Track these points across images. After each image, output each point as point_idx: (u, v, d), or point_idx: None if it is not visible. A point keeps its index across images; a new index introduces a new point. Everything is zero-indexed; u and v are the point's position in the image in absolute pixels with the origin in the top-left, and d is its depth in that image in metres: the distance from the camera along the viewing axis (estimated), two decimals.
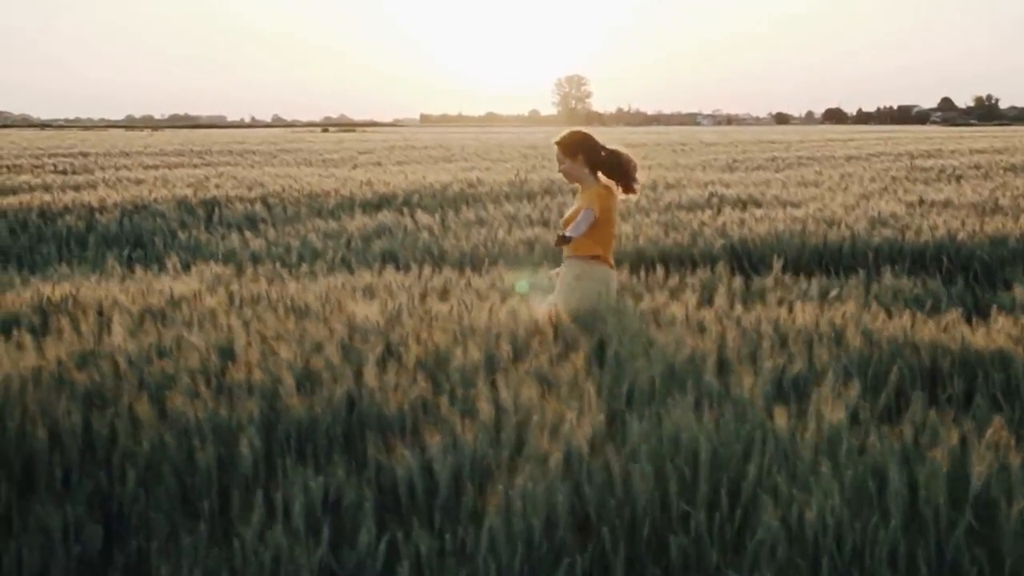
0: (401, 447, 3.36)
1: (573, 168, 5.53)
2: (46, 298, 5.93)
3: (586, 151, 5.50)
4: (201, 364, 4.27)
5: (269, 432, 3.67)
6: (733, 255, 8.26)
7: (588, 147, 5.52)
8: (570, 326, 5.00)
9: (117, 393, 3.98)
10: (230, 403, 3.78)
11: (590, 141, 5.54)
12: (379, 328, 4.92)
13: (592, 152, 5.51)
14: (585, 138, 5.56)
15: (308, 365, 4.25)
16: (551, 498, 3.01)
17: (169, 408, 3.71)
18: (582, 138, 5.56)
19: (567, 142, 5.54)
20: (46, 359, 4.30)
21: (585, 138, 5.56)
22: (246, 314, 5.30)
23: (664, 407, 3.73)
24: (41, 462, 3.47)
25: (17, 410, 3.70)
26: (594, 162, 5.51)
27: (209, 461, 3.40)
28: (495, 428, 3.50)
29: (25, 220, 11.05)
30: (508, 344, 4.49)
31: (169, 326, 5.08)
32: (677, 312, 5.26)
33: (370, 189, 13.11)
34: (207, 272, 7.53)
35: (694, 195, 12.05)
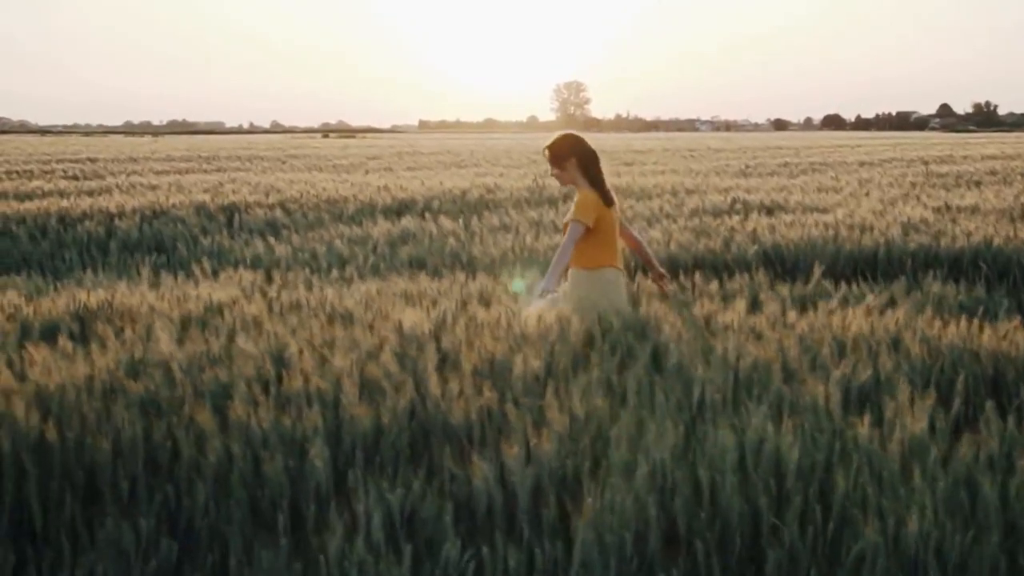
0: (477, 458, 3.27)
1: (564, 173, 5.42)
2: (83, 305, 5.84)
3: (578, 154, 5.38)
4: (256, 372, 4.18)
5: (335, 442, 3.57)
6: (766, 261, 8.17)
7: (579, 151, 5.40)
8: (623, 333, 4.91)
9: (172, 402, 3.90)
10: (292, 413, 3.69)
11: (581, 144, 5.43)
12: (429, 335, 4.83)
13: (583, 155, 5.38)
14: (576, 141, 5.45)
15: (364, 373, 4.16)
16: (642, 511, 2.92)
17: (231, 418, 3.62)
18: (573, 142, 5.44)
19: (557, 147, 5.43)
20: (96, 367, 4.21)
21: (576, 141, 5.45)
22: (291, 321, 5.21)
23: (738, 416, 3.64)
24: (105, 474, 3.38)
25: (76, 420, 3.61)
26: (586, 165, 5.36)
27: (278, 473, 3.30)
28: (571, 438, 3.41)
29: (44, 226, 10.98)
30: (567, 352, 4.40)
31: (214, 333, 4.99)
32: (729, 319, 5.17)
33: (388, 195, 13.03)
34: (236, 278, 7.45)
35: (716, 201, 11.97)
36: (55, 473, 3.40)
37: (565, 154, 5.38)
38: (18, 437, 3.44)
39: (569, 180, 5.44)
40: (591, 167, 5.37)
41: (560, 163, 5.39)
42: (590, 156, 5.40)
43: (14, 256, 9.94)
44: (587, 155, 5.39)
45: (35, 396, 3.77)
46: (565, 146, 5.41)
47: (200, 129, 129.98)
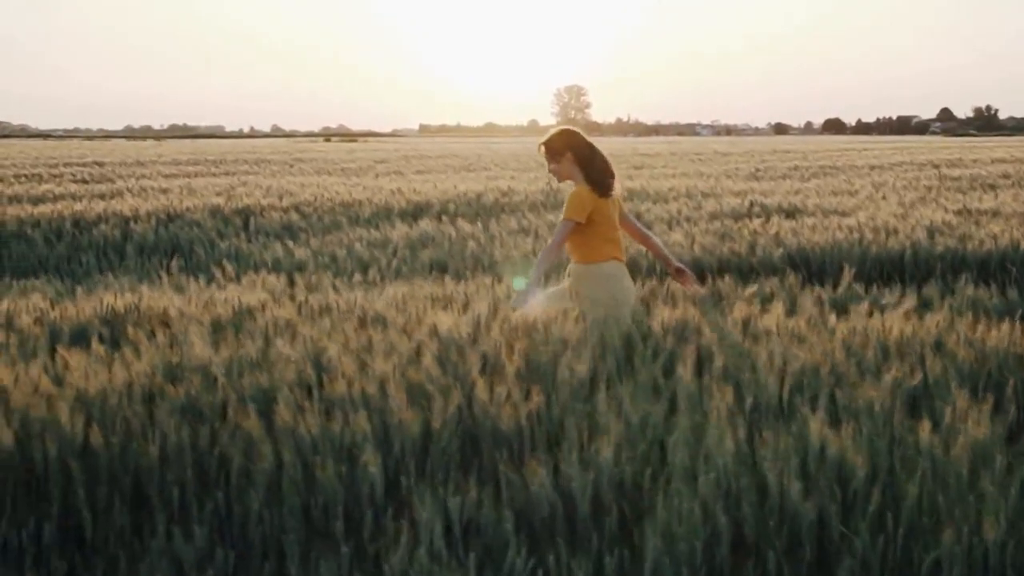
0: (535, 464, 3.20)
1: (561, 168, 5.35)
2: (110, 308, 5.77)
3: (573, 148, 5.30)
4: (297, 377, 4.11)
5: (384, 448, 3.51)
6: (791, 264, 8.11)
7: (574, 145, 5.33)
8: (661, 338, 4.85)
9: (214, 407, 3.83)
10: (339, 418, 3.62)
11: (576, 138, 5.35)
12: (467, 339, 4.76)
13: (579, 149, 5.31)
14: (571, 136, 5.37)
15: (408, 378, 4.09)
16: (710, 518, 2.85)
17: (277, 423, 3.55)
18: (568, 136, 5.36)
19: (552, 142, 5.35)
20: (133, 372, 4.14)
21: (571, 136, 5.37)
22: (323, 325, 5.14)
23: (794, 421, 3.57)
24: (153, 480, 3.31)
25: (120, 426, 3.54)
26: (581, 160, 5.30)
27: (331, 479, 3.23)
28: (627, 443, 3.34)
29: (59, 229, 10.92)
30: (612, 356, 4.33)
31: (249, 337, 4.92)
32: (769, 323, 5.10)
33: (403, 198, 12.96)
34: (260, 282, 7.39)
35: (734, 204, 11.90)
36: (101, 479, 3.34)
37: (561, 149, 5.30)
38: (63, 443, 3.38)
39: (566, 175, 5.37)
40: (588, 160, 5.26)
41: (556, 158, 5.32)
42: (586, 149, 5.31)
43: (30, 260, 9.89)
44: (583, 148, 5.30)
45: (76, 401, 3.70)
46: (560, 141, 5.33)
47: (201, 133, 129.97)
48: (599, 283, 5.24)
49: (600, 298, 5.19)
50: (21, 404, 3.66)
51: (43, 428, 3.39)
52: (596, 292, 5.21)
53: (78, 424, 3.45)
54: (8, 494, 3.28)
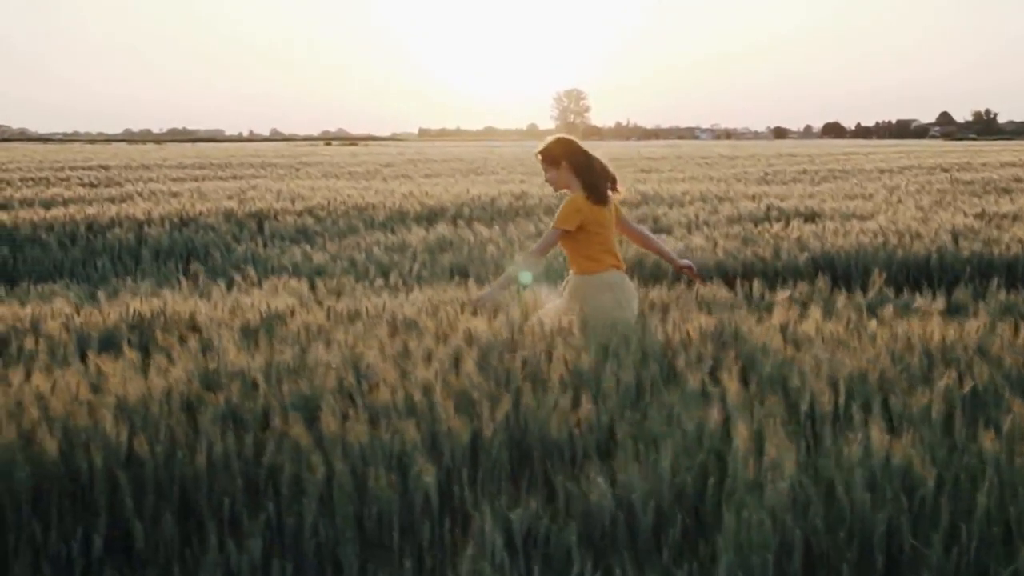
0: (593, 474, 3.13)
1: (558, 177, 5.28)
2: (136, 314, 5.71)
3: (569, 157, 5.24)
4: (338, 384, 4.04)
5: (434, 457, 3.43)
6: (816, 268, 8.04)
7: (571, 153, 5.26)
8: (699, 344, 4.78)
9: (255, 415, 3.76)
10: (385, 426, 3.55)
11: (572, 147, 5.29)
12: (505, 345, 4.69)
13: (575, 158, 5.24)
14: (567, 144, 5.32)
15: (451, 385, 4.02)
16: (783, 531, 2.78)
17: (325, 432, 3.48)
18: (564, 145, 5.32)
19: (549, 151, 5.29)
20: (171, 379, 4.06)
21: (567, 144, 5.32)
22: (356, 330, 5.06)
23: (851, 429, 3.50)
24: (201, 490, 3.24)
25: (164, 434, 3.46)
26: (577, 168, 5.24)
27: (385, 489, 3.16)
28: (686, 453, 3.27)
29: (73, 233, 10.85)
30: (655, 363, 4.26)
31: (282, 343, 4.85)
32: (808, 328, 5.03)
33: (416, 202, 12.89)
34: (282, 286, 7.32)
35: (751, 208, 11.84)
36: (148, 489, 3.26)
37: (557, 157, 5.24)
38: (109, 452, 3.31)
39: (563, 184, 5.33)
40: (584, 168, 5.21)
41: (553, 167, 5.29)
42: (582, 157, 5.25)
43: (45, 264, 9.82)
44: (579, 156, 5.24)
45: (117, 409, 3.63)
46: (557, 149, 5.28)
47: (200, 137, 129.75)
48: (601, 292, 5.20)
49: (604, 306, 5.14)
50: (61, 412, 3.60)
51: (88, 437, 3.31)
52: (599, 301, 5.17)
53: (122, 433, 3.38)
54: (53, 505, 3.20)
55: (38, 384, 3.92)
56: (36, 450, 3.28)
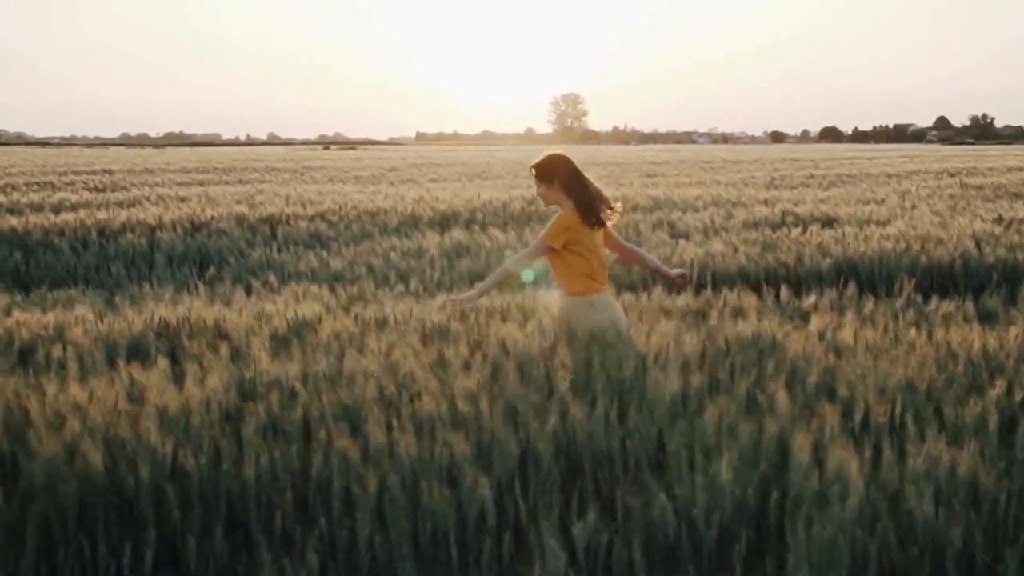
0: (655, 488, 3.06)
1: (549, 193, 5.22)
2: (162, 320, 5.63)
3: (562, 175, 5.18)
4: (378, 393, 3.97)
5: (483, 470, 3.36)
6: (839, 274, 7.99)
7: (564, 171, 5.19)
8: (740, 351, 4.71)
9: (296, 425, 3.69)
10: (434, 438, 3.48)
11: (567, 165, 5.21)
12: (542, 353, 4.62)
13: (568, 176, 5.18)
14: (562, 162, 5.23)
15: (495, 395, 3.95)
16: (855, 546, 2.71)
17: (372, 444, 3.41)
18: (558, 162, 5.23)
19: (543, 166, 5.22)
20: (207, 388, 3.99)
21: (562, 162, 5.23)
22: (389, 338, 4.99)
23: (908, 439, 3.44)
24: (250, 504, 3.16)
25: (208, 446, 3.39)
26: (569, 188, 5.18)
27: (440, 503, 3.09)
28: (745, 466, 3.20)
29: (85, 238, 10.77)
30: (698, 373, 4.19)
31: (313, 351, 4.78)
32: (846, 336, 4.96)
33: (428, 207, 12.82)
34: (301, 293, 7.26)
35: (765, 213, 11.78)
36: (194, 503, 3.19)
37: (550, 174, 5.18)
38: (155, 465, 3.24)
39: (553, 200, 5.27)
40: (576, 188, 5.15)
41: (545, 181, 5.22)
42: (575, 177, 5.19)
43: (58, 269, 9.75)
44: (572, 176, 5.18)
45: (158, 420, 3.56)
46: (551, 166, 5.20)
47: (198, 141, 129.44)
48: (594, 313, 5.13)
49: (597, 327, 5.07)
50: (101, 423, 3.53)
51: (134, 450, 3.24)
52: (591, 322, 5.10)
53: (167, 445, 3.31)
54: (100, 519, 3.13)
55: (74, 394, 3.86)
56: (81, 463, 3.21)
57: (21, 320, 5.77)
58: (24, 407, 3.71)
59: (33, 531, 3.01)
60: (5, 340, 5.36)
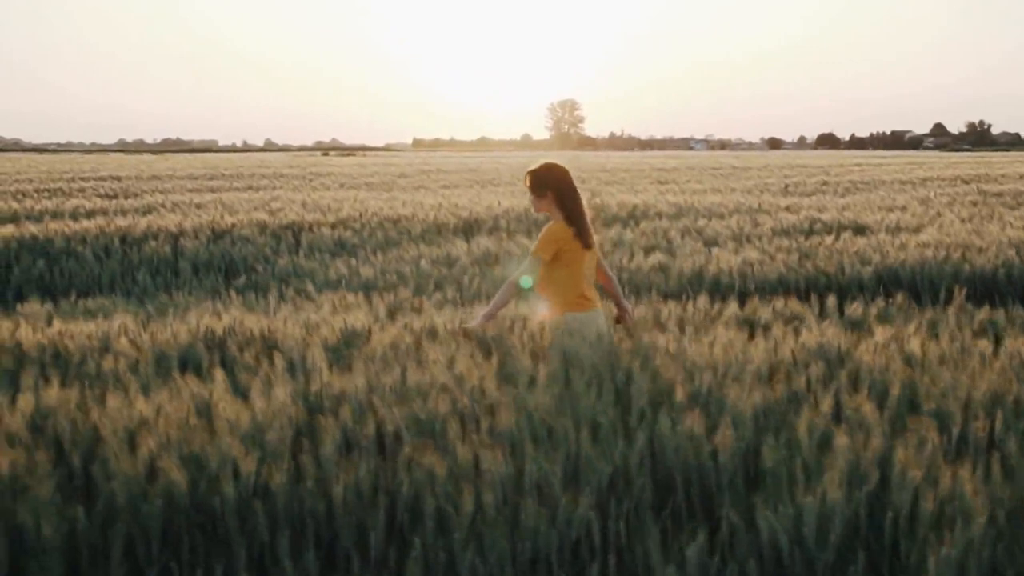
0: (762, 506, 2.95)
1: (540, 202, 5.17)
2: (208, 330, 5.52)
3: (555, 188, 5.12)
4: (452, 406, 3.85)
5: (574, 488, 3.26)
6: (880, 283, 7.90)
7: (558, 184, 5.13)
8: (809, 362, 4.61)
9: (370, 440, 3.58)
10: (516, 453, 3.37)
11: (562, 178, 5.16)
12: (609, 365, 4.51)
13: (562, 189, 5.12)
14: (557, 174, 5.17)
15: (576, 410, 3.84)
16: (982, 569, 2.60)
17: (459, 461, 3.30)
18: (554, 174, 5.17)
19: (538, 175, 5.16)
20: (275, 403, 3.88)
21: (557, 174, 5.17)
22: (448, 349, 4.88)
23: (1008, 455, 3.33)
24: (342, 524, 3.05)
25: (289, 463, 3.28)
26: (561, 200, 5.11)
27: (540, 522, 2.98)
28: (851, 483, 3.09)
29: (107, 246, 10.65)
30: (776, 384, 4.08)
31: (370, 362, 4.67)
32: (914, 347, 4.86)
33: (450, 214, 12.71)
34: (338, 301, 7.15)
35: (792, 220, 11.68)
36: (280, 522, 3.08)
37: (544, 184, 5.14)
38: (239, 482, 3.12)
39: (543, 209, 5.21)
40: (568, 202, 5.11)
41: (538, 192, 5.16)
42: (568, 191, 5.13)
43: (82, 277, 9.64)
44: (566, 189, 5.13)
45: (232, 436, 3.44)
46: (546, 176, 5.16)
47: (195, 147, 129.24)
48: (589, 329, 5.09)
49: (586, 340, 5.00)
50: (175, 440, 3.41)
51: (218, 467, 3.13)
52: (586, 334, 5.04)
53: (250, 462, 3.19)
54: (185, 540, 3.02)
55: (140, 409, 3.75)
56: (163, 481, 3.10)
57: (63, 330, 5.65)
58: (93, 423, 3.60)
59: (118, 552, 2.90)
60: (51, 351, 5.25)
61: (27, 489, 3.23)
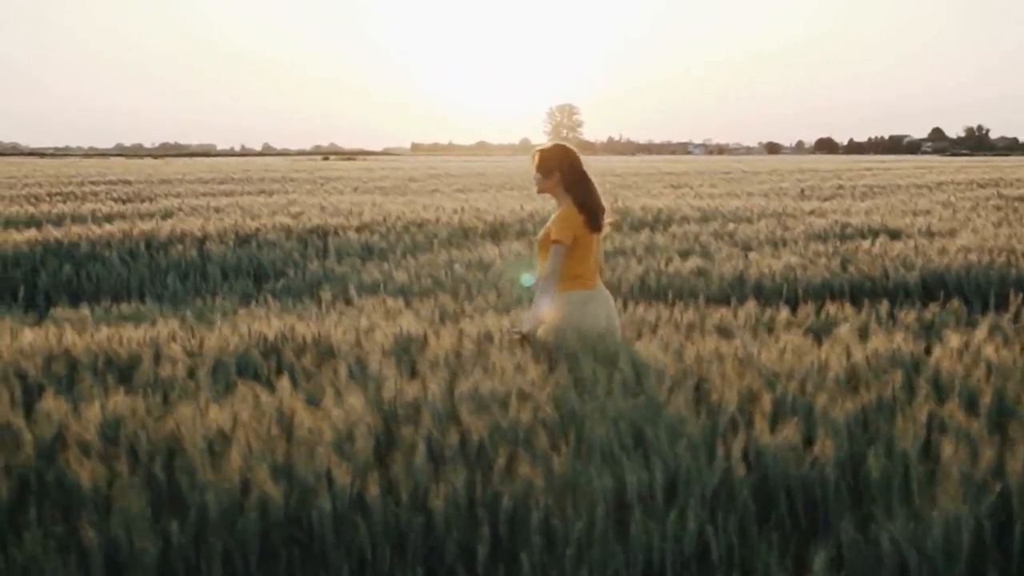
0: (883, 520, 2.84)
1: (545, 183, 5.04)
2: (262, 336, 5.41)
3: (564, 170, 4.99)
4: (532, 414, 3.75)
5: (670, 500, 3.15)
6: (925, 287, 7.79)
7: (566, 166, 5.00)
8: (886, 368, 4.50)
9: (454, 450, 3.47)
10: (604, 463, 3.27)
11: (571, 160, 5.03)
12: (681, 372, 4.40)
13: (570, 172, 4.99)
14: (566, 156, 5.04)
15: (665, 419, 3.74)
16: None
17: (557, 472, 3.19)
18: (563, 155, 5.04)
19: (547, 155, 5.03)
20: (349, 411, 3.76)
21: (566, 156, 5.04)
22: (513, 356, 4.77)
23: None
24: (446, 540, 2.94)
25: (381, 476, 3.17)
26: (568, 184, 4.99)
27: (651, 537, 2.87)
28: (970, 497, 2.98)
29: (131, 250, 10.54)
30: (869, 393, 3.98)
31: (434, 368, 4.57)
32: (988, 353, 4.75)
33: (475, 218, 12.60)
34: (380, 306, 7.05)
35: (821, 224, 11.58)
36: (379, 539, 2.97)
37: (552, 166, 5.00)
38: (336, 496, 3.01)
39: (547, 190, 5.08)
40: (577, 187, 4.99)
41: (545, 172, 5.02)
42: (578, 175, 5.01)
43: (110, 282, 9.52)
44: (574, 172, 5.00)
45: (323, 446, 3.34)
46: (555, 157, 5.02)
47: (194, 151, 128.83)
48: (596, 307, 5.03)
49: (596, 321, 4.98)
50: (258, 450, 3.30)
51: (315, 480, 3.02)
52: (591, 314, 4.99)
53: (344, 473, 3.08)
54: (282, 556, 2.91)
55: (215, 417, 3.64)
56: (257, 494, 2.99)
57: (110, 335, 5.54)
58: (170, 432, 3.49)
59: (218, 569, 2.79)
60: (103, 358, 5.14)
61: (109, 499, 3.13)
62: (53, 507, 3.21)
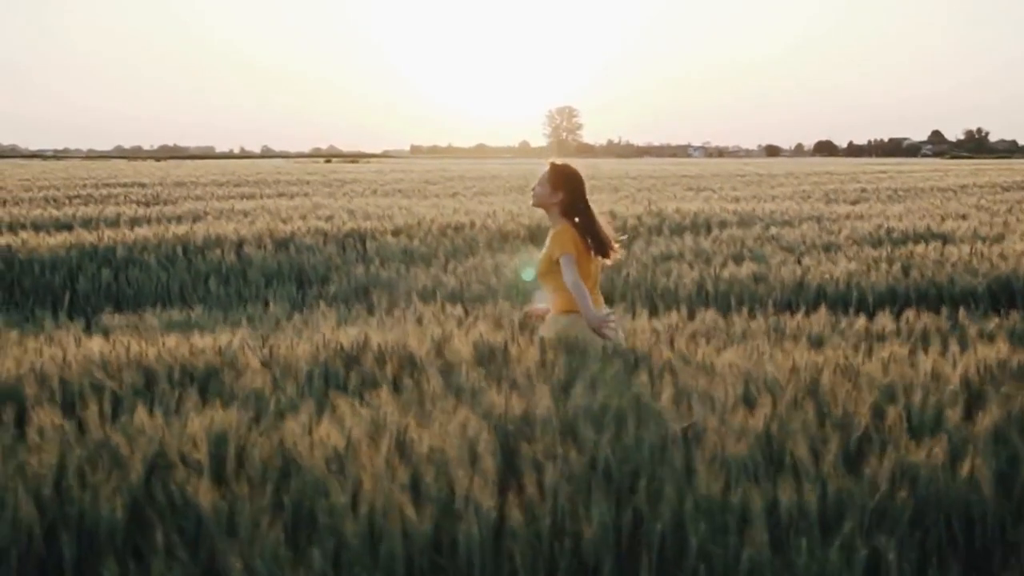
0: None
1: (545, 197, 5.10)
2: (338, 346, 5.25)
3: (567, 191, 5.05)
4: (656, 430, 3.58)
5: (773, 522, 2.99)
6: (992, 294, 7.64)
7: (570, 189, 5.07)
8: (1004, 380, 4.34)
9: (581, 470, 3.31)
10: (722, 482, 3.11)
11: (576, 186, 5.11)
12: (793, 383, 4.24)
13: (572, 196, 5.06)
14: (574, 181, 5.11)
15: (770, 431, 3.58)
16: None
17: (700, 492, 3.02)
18: (572, 178, 5.10)
19: (558, 172, 5.10)
20: (464, 426, 3.60)
21: (574, 181, 5.11)
22: (607, 367, 4.60)
23: None
24: (602, 570, 2.78)
25: (512, 495, 3.00)
26: (566, 207, 5.05)
27: (818, 563, 2.71)
28: None
29: (168, 254, 10.39)
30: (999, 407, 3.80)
31: (540, 382, 4.40)
32: None
33: (513, 222, 12.44)
34: (438, 313, 6.89)
35: (867, 228, 11.43)
36: (526, 566, 2.80)
37: (560, 184, 5.08)
38: (482, 519, 2.84)
39: (544, 203, 5.15)
40: (574, 210, 5.08)
41: (554, 185, 5.09)
42: (580, 200, 5.12)
43: (150, 287, 9.36)
44: (577, 197, 5.11)
45: (460, 466, 3.17)
46: (566, 177, 5.11)
47: (193, 154, 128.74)
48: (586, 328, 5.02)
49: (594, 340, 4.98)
50: (383, 471, 3.14)
51: (462, 504, 2.85)
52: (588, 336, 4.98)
53: (487, 496, 2.92)
54: None
55: (327, 434, 3.47)
56: (398, 519, 2.82)
57: (179, 344, 5.38)
58: (284, 450, 3.33)
59: None
60: (179, 369, 4.97)
61: (234, 524, 2.97)
62: (168, 531, 3.05)
